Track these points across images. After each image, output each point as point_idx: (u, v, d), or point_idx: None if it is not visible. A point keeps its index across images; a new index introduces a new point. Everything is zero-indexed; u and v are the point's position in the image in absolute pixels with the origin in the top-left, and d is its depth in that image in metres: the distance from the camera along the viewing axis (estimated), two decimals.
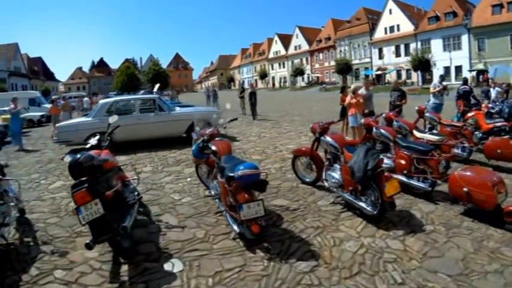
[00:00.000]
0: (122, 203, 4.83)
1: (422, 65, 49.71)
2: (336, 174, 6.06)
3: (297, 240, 4.79)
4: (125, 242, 4.48)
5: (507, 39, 45.06)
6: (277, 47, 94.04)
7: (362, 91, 11.32)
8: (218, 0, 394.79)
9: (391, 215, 5.36)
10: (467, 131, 8.76)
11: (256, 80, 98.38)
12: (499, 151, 7.80)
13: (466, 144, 8.60)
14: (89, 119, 11.62)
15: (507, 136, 8.77)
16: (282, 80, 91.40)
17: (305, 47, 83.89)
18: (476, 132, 9.47)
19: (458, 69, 50.87)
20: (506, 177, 7.32)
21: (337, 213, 5.67)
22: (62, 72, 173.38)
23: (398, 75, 59.15)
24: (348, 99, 10.87)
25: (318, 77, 75.95)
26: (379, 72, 62.78)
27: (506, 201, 5.08)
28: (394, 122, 8.30)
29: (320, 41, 79.87)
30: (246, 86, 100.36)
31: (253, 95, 20.38)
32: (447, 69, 51.52)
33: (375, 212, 5.11)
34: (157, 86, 31.64)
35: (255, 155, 10.32)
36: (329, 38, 76.77)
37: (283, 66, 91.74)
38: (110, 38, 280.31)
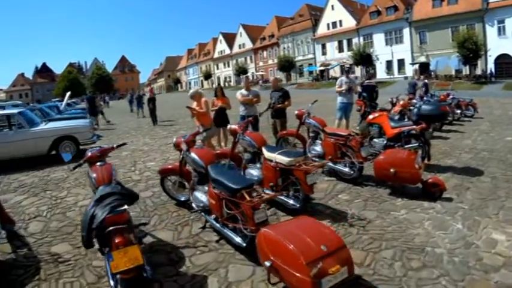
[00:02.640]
0: None
1: (364, 59, 49.78)
2: None
3: None
4: None
5: (448, 31, 44.40)
6: (222, 46, 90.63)
7: (240, 93, 9.12)
8: (163, 1, 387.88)
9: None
10: (355, 141, 6.12)
11: (202, 81, 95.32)
12: (392, 170, 5.25)
13: (354, 160, 6.08)
14: None
15: (416, 145, 6.44)
16: (227, 80, 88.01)
17: (249, 45, 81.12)
18: (378, 140, 7.15)
19: (401, 62, 50.83)
20: (405, 207, 4.92)
21: (103, 275, 3.88)
22: (3, 79, 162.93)
23: (342, 70, 58.23)
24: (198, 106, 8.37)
25: (262, 75, 73.47)
26: (322, 68, 62.21)
27: None
28: (239, 137, 5.66)
29: (264, 38, 77.56)
30: (194, 87, 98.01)
31: (151, 100, 19.40)
32: (389, 63, 52.05)
33: None
34: (68, 94, 28.10)
35: None
36: (272, 36, 74.67)
37: (228, 66, 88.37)
38: (54, 40, 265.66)
